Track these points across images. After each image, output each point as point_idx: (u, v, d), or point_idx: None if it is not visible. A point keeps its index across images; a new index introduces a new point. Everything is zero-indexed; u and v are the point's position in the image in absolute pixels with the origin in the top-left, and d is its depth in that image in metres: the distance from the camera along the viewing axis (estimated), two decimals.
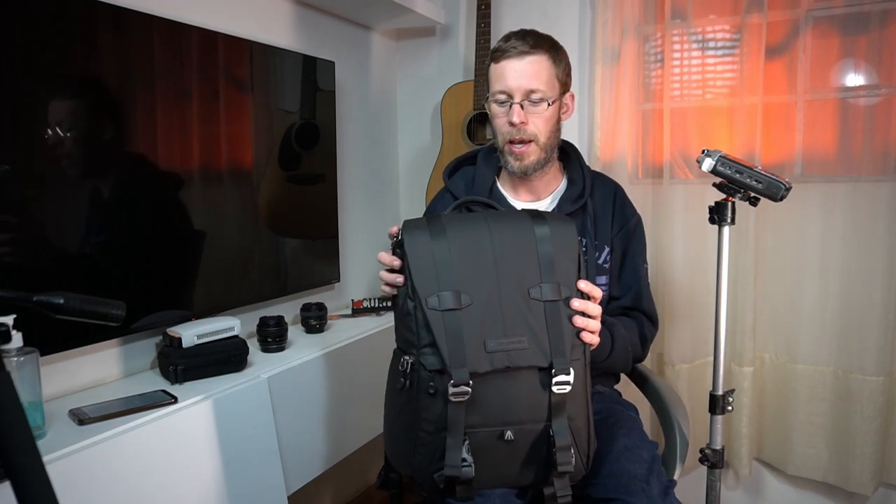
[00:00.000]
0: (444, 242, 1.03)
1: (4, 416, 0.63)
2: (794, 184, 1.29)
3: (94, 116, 1.35)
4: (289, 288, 1.92)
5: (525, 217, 1.09)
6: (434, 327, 0.99)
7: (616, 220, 1.40)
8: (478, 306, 1.00)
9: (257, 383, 1.47)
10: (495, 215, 1.11)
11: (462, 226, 1.06)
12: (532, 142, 1.30)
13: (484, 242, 1.04)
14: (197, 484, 1.31)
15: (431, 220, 1.07)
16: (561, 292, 1.03)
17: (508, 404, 1.02)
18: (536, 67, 1.28)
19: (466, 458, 1.00)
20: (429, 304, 1.00)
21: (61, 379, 1.35)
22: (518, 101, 1.27)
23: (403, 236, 1.05)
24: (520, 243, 1.05)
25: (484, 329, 1.00)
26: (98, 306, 0.79)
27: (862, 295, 1.85)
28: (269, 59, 1.80)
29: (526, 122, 1.28)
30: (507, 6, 2.31)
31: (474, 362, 0.99)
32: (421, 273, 1.02)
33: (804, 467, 1.96)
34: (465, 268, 1.02)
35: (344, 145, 2.17)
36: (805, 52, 1.91)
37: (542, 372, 1.01)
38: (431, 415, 1.01)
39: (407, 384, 1.03)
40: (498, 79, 1.30)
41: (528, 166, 1.31)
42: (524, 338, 1.01)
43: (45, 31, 1.24)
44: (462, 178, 1.43)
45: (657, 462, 1.20)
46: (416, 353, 1.02)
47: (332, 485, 2.16)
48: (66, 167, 1.30)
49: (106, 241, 1.37)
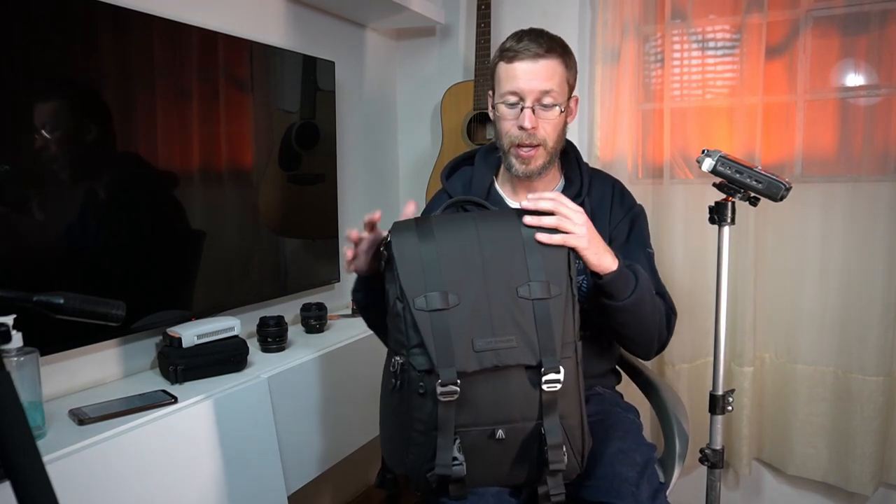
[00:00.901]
0: (431, 243, 1.04)
1: (4, 416, 0.63)
2: (794, 184, 1.29)
3: (94, 116, 1.35)
4: (289, 288, 1.92)
5: (513, 216, 1.09)
6: (422, 328, 0.99)
7: (615, 211, 1.37)
8: (466, 306, 1.01)
9: (257, 383, 1.47)
10: (483, 215, 1.11)
11: (450, 226, 1.07)
12: (540, 146, 1.28)
13: (472, 242, 1.04)
14: (197, 484, 1.31)
15: (420, 222, 1.08)
16: (550, 290, 1.03)
17: (499, 403, 1.02)
18: (550, 71, 1.25)
19: (458, 457, 1.00)
20: (416, 304, 1.00)
21: (61, 379, 1.35)
22: (529, 104, 1.24)
23: (391, 238, 1.05)
24: (508, 242, 1.05)
25: (472, 328, 1.00)
26: (98, 306, 0.79)
27: (862, 295, 1.85)
28: (269, 59, 1.80)
29: (537, 128, 1.26)
30: (507, 6, 2.31)
31: (462, 362, 0.99)
32: (409, 274, 1.02)
33: (804, 467, 1.96)
34: (452, 268, 1.02)
35: (344, 145, 2.17)
36: (805, 52, 1.91)
37: (531, 370, 1.01)
38: (422, 414, 1.01)
39: (398, 384, 1.04)
40: (509, 80, 1.26)
41: (534, 170, 1.29)
42: (513, 337, 1.01)
43: (45, 32, 1.24)
44: (460, 179, 1.42)
45: (651, 465, 1.20)
46: (406, 354, 1.02)
47: (332, 485, 2.16)
48: (66, 167, 1.30)
49: (106, 240, 1.38)
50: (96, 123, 1.36)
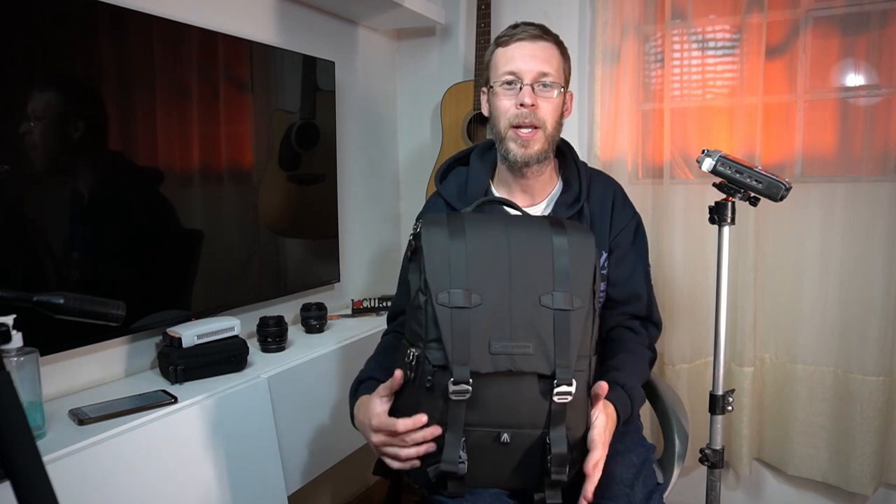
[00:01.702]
0: (461, 241, 1.03)
1: (4, 416, 0.63)
2: (794, 184, 1.29)
3: (93, 116, 1.35)
4: (289, 288, 1.92)
5: (545, 224, 1.08)
6: (441, 323, 0.99)
7: (615, 222, 1.35)
8: (487, 307, 1.00)
9: (257, 383, 1.47)
10: (515, 220, 1.11)
11: (481, 227, 1.06)
12: (539, 128, 1.25)
13: (501, 245, 1.04)
14: (197, 484, 1.30)
15: (451, 218, 1.07)
16: (573, 302, 1.02)
17: (508, 407, 1.02)
18: (549, 53, 1.25)
19: (462, 456, 1.01)
20: (439, 299, 1.00)
21: (61, 379, 1.35)
22: (528, 82, 1.23)
23: (421, 230, 1.05)
24: (537, 249, 1.04)
25: (491, 330, 1.00)
26: (98, 306, 0.79)
27: (862, 295, 1.85)
28: (269, 59, 1.80)
29: (536, 106, 1.23)
30: (507, 6, 2.31)
31: (477, 362, 0.99)
32: (435, 269, 1.02)
33: (804, 467, 1.96)
34: (478, 268, 1.02)
35: (344, 145, 2.17)
36: (805, 52, 1.91)
37: (544, 380, 1.01)
38: (430, 409, 1.01)
39: (411, 376, 1.03)
40: (506, 61, 1.24)
41: (532, 155, 1.25)
42: (530, 343, 1.00)
43: (44, 32, 1.24)
44: (455, 180, 1.38)
45: (647, 466, 1.20)
46: (423, 347, 1.02)
47: (332, 485, 2.16)
48: (66, 167, 1.30)
49: (106, 240, 1.37)
50: (94, 124, 1.35)
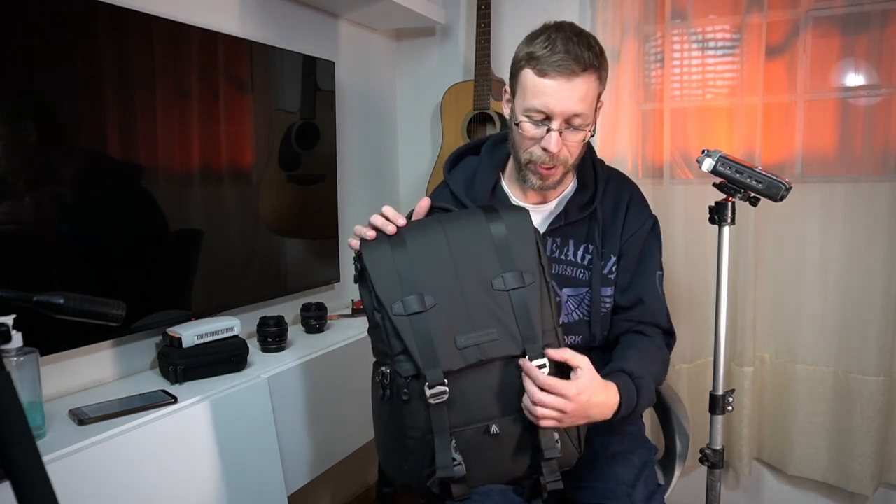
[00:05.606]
0: (403, 250, 1.05)
1: (4, 416, 0.63)
2: (794, 184, 1.29)
3: (92, 116, 1.35)
4: (289, 288, 1.92)
5: (478, 213, 1.10)
6: (403, 333, 1.00)
7: (627, 225, 1.29)
8: (443, 306, 1.02)
9: (257, 383, 1.47)
10: (450, 216, 1.12)
11: (419, 231, 1.08)
12: (560, 165, 1.20)
13: (441, 244, 1.06)
14: (197, 484, 1.30)
15: (390, 235, 1.09)
16: (524, 279, 1.04)
17: (488, 398, 1.03)
18: (584, 90, 1.12)
19: (456, 458, 1.01)
20: (394, 311, 1.01)
21: (61, 379, 1.35)
22: (557, 127, 1.14)
23: (362, 250, 1.07)
24: (476, 239, 1.06)
25: (452, 327, 1.01)
26: (98, 306, 0.79)
27: (862, 295, 1.85)
28: (269, 59, 1.79)
29: (561, 150, 1.16)
30: (507, 6, 2.31)
31: (447, 361, 1.00)
32: (383, 283, 1.03)
33: (804, 467, 1.96)
34: (425, 271, 1.04)
35: (344, 145, 2.17)
36: (805, 52, 1.91)
37: (516, 360, 1.02)
38: (415, 420, 1.02)
39: (387, 394, 1.05)
40: (537, 95, 1.13)
41: (551, 185, 1.23)
42: (493, 329, 1.02)
43: (44, 32, 1.24)
44: (463, 172, 1.34)
45: (648, 467, 1.20)
46: (391, 363, 1.03)
47: (332, 485, 2.16)
48: (65, 167, 1.30)
49: (106, 240, 1.37)
50: (93, 123, 1.35)
